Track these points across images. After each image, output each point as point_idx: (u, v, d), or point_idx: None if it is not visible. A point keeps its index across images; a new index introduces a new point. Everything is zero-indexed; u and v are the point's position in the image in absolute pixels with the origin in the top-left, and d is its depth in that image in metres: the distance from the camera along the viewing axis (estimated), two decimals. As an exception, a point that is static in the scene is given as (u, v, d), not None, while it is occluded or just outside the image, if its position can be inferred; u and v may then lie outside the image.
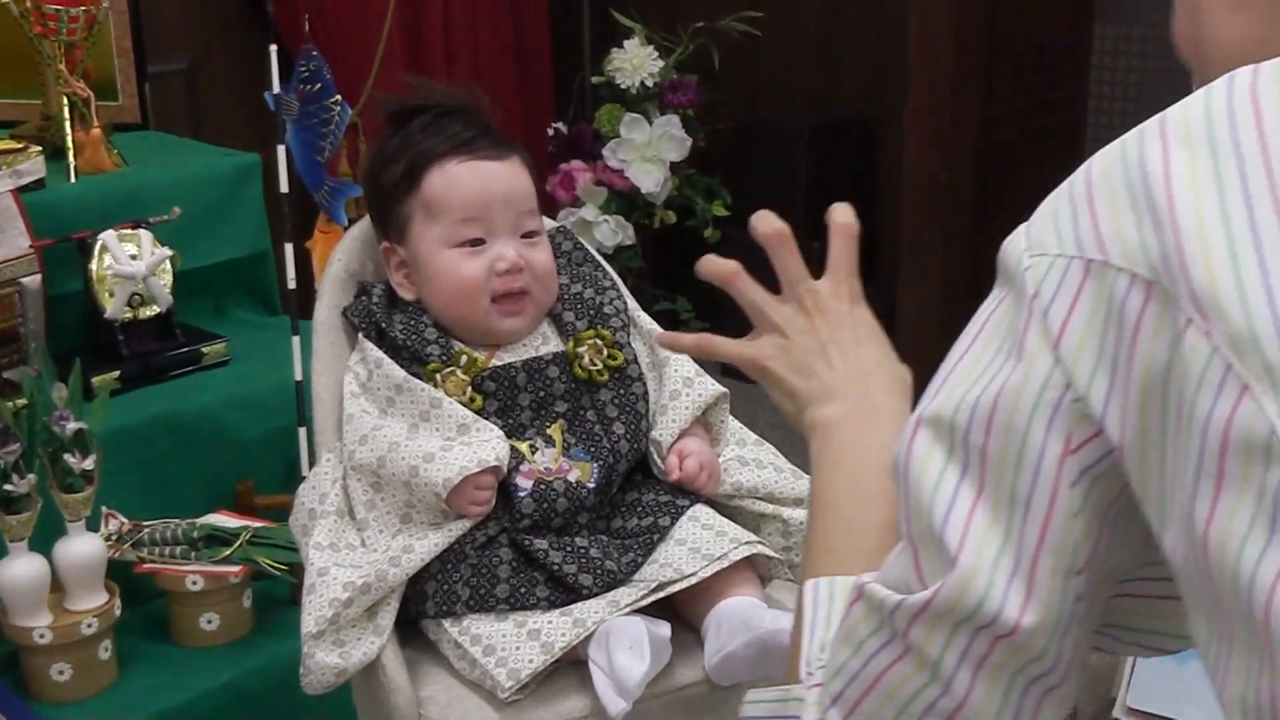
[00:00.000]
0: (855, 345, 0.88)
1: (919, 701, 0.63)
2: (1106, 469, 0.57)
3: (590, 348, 1.38)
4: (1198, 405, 0.51)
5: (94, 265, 2.04)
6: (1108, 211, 0.55)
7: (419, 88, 1.46)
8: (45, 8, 2.12)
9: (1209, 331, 0.50)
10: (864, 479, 0.81)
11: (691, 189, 3.57)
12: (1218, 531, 0.50)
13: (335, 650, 1.26)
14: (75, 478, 1.73)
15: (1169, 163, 0.54)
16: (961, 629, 0.61)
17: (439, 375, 1.34)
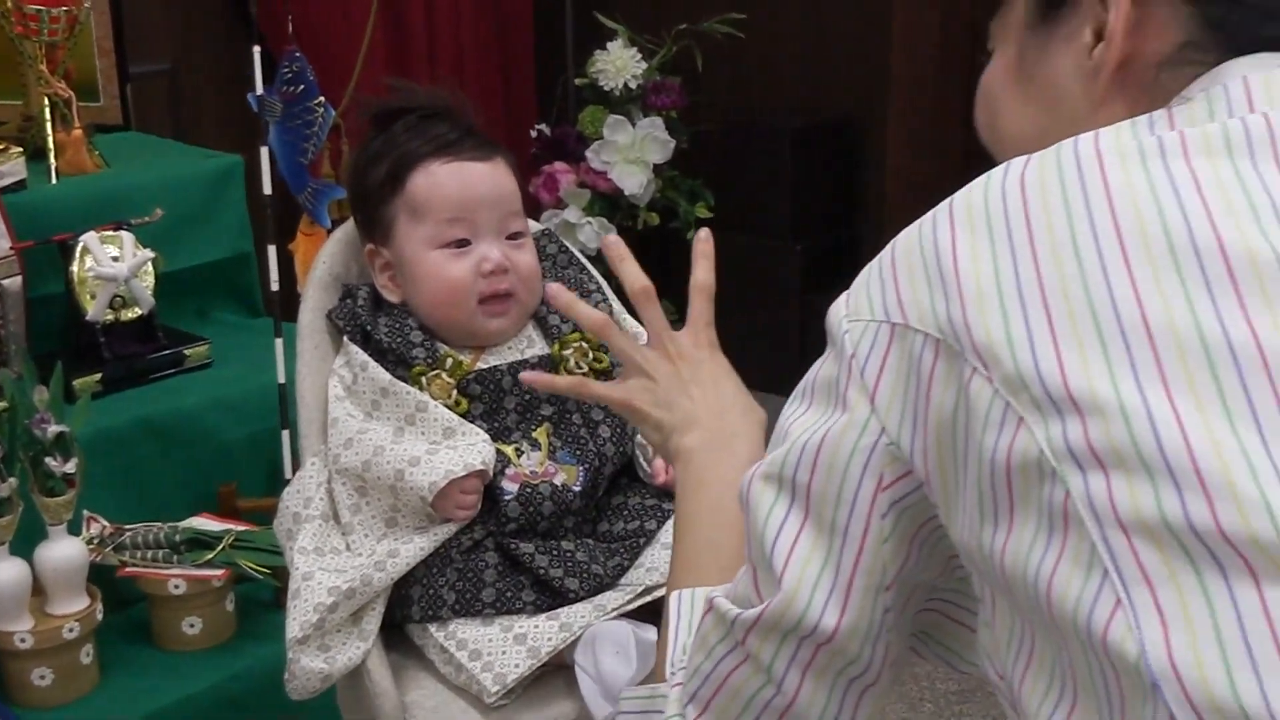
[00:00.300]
0: (714, 384, 1.03)
1: (758, 700, 0.75)
2: (915, 501, 0.67)
3: (576, 351, 1.37)
4: (985, 439, 0.60)
5: (75, 267, 2.03)
6: (907, 282, 0.65)
7: (402, 90, 1.45)
8: (26, 8, 2.11)
9: (990, 378, 0.60)
10: (722, 501, 0.93)
11: (675, 191, 3.57)
12: (1012, 544, 0.59)
13: (320, 655, 1.25)
14: (56, 481, 1.72)
15: (955, 241, 0.64)
16: (789, 638, 0.72)
17: (424, 378, 1.34)
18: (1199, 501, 0.53)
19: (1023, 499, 0.59)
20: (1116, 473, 0.55)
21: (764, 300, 3.57)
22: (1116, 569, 0.54)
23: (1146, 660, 0.52)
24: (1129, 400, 0.55)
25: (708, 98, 3.67)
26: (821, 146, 3.63)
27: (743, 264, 3.60)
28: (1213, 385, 0.54)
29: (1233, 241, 0.57)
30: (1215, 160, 0.60)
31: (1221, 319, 0.55)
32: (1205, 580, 0.52)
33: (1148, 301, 0.56)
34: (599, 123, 3.46)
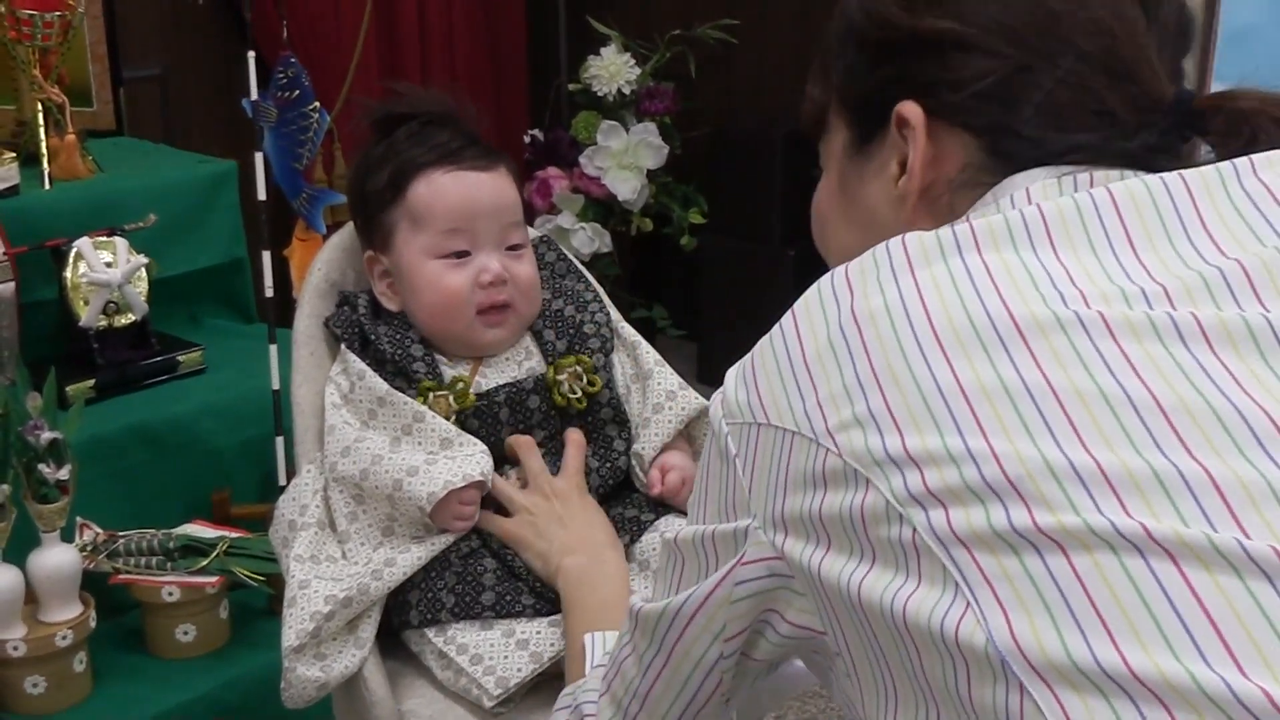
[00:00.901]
0: (583, 516, 1.31)
1: (634, 685, 0.90)
2: (773, 585, 0.77)
3: (570, 375, 1.37)
4: (841, 500, 0.70)
5: (69, 273, 2.02)
6: (765, 385, 0.76)
7: (404, 93, 1.44)
8: (19, 13, 2.11)
9: (840, 454, 0.70)
10: (605, 603, 1.20)
11: (668, 196, 3.57)
12: (870, 579, 0.69)
13: (316, 664, 1.25)
14: (50, 488, 1.72)
15: (802, 343, 0.75)
16: (651, 645, 0.88)
17: (431, 395, 1.33)
18: (1019, 508, 0.63)
19: (877, 541, 0.69)
20: (953, 504, 0.65)
21: (757, 306, 3.57)
22: (963, 578, 0.64)
23: (994, 643, 0.62)
24: (954, 448, 0.66)
25: (701, 103, 3.67)
26: (814, 152, 3.62)
27: (735, 269, 3.61)
28: (1016, 418, 0.65)
29: (1020, 312, 0.68)
30: (1001, 250, 0.72)
31: (1018, 370, 0.67)
32: (1027, 565, 0.62)
33: (960, 372, 0.67)
34: (592, 128, 3.46)
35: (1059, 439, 0.64)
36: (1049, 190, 0.78)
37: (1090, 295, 0.69)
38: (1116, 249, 0.72)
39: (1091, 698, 0.59)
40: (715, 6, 3.64)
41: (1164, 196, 0.74)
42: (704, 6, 3.67)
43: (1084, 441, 0.64)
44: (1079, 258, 0.72)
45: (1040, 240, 0.73)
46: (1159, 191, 0.74)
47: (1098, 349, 0.67)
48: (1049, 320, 0.68)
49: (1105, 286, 0.70)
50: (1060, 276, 0.70)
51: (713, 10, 3.60)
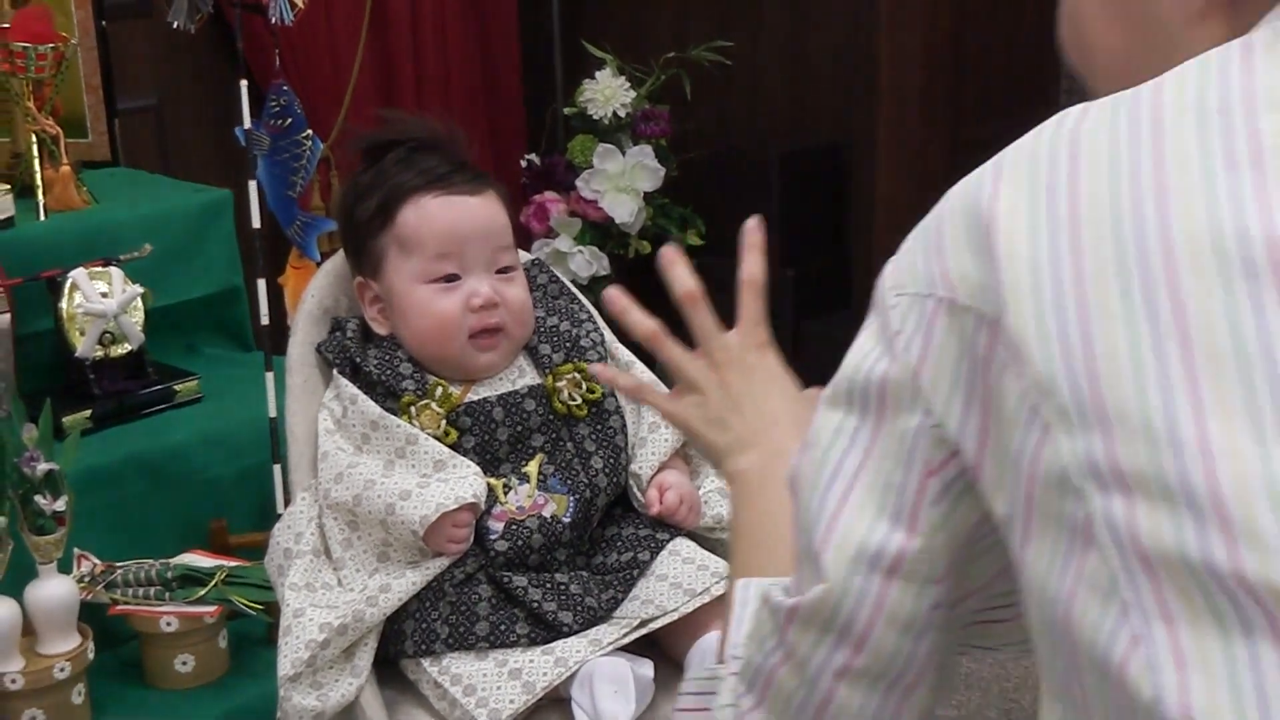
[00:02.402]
0: (764, 395, 0.98)
1: (796, 697, 0.70)
2: (965, 488, 0.62)
3: (569, 381, 1.37)
4: (1014, 439, 0.56)
5: (64, 304, 2.02)
6: (953, 251, 0.60)
7: (393, 121, 1.45)
8: (13, 45, 2.11)
9: (1020, 373, 0.55)
10: (775, 517, 0.88)
11: (665, 218, 3.57)
12: (1031, 554, 0.56)
13: (312, 692, 1.24)
14: (46, 519, 1.71)
15: (996, 203, 0.59)
16: (827, 635, 0.67)
17: (413, 408, 1.33)
18: (1219, 540, 0.49)
19: (1045, 511, 0.55)
20: (1139, 497, 0.51)
21: (756, 326, 3.57)
22: (1138, 602, 0.51)
23: (1162, 706, 0.49)
24: (1155, 416, 0.51)
25: (697, 125, 3.68)
26: (810, 172, 3.63)
27: (734, 291, 3.60)
28: (1244, 398, 0.50)
29: None
30: None
31: (1266, 322, 0.50)
32: (1225, 626, 0.49)
33: (1189, 304, 0.52)
34: (588, 151, 3.46)
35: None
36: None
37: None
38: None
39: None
40: (709, 28, 3.65)
41: None
42: (698, 28, 3.67)
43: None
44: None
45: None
46: None
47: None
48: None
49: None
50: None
51: (706, 32, 3.61)
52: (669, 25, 3.81)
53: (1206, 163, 0.54)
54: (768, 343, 1.01)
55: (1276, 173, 0.53)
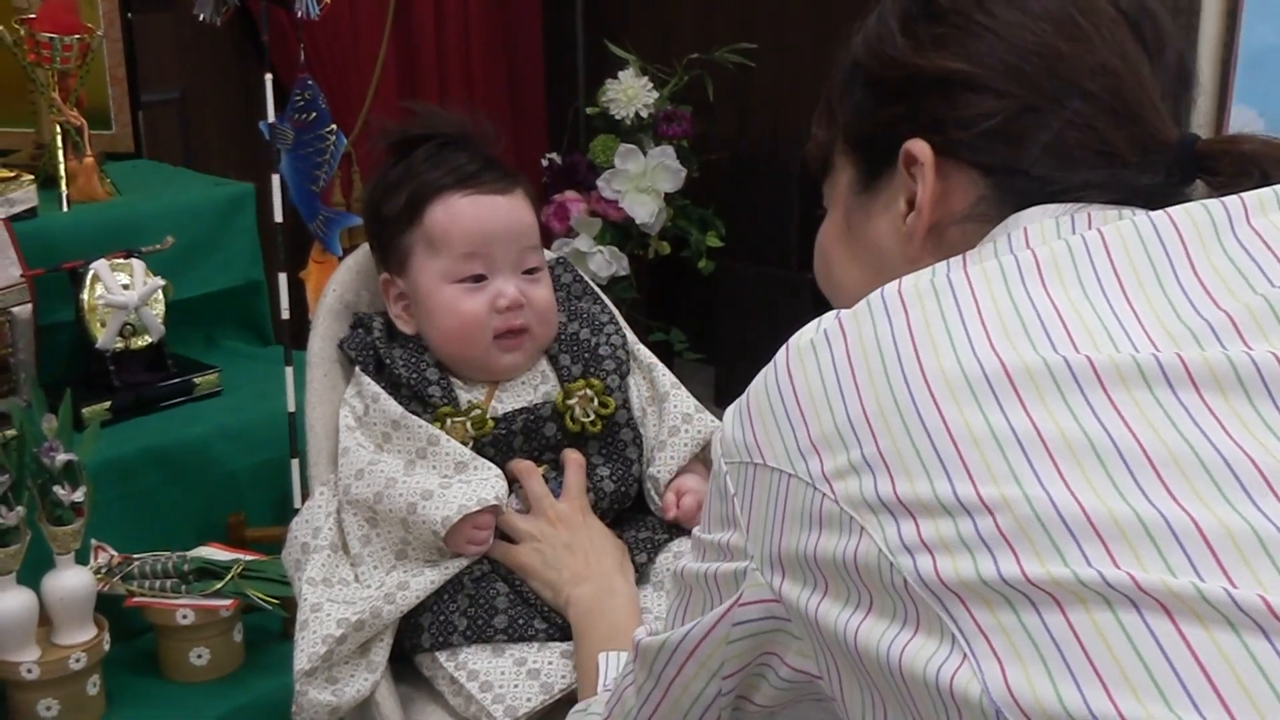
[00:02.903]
0: (591, 541, 1.30)
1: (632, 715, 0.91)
2: (771, 628, 0.77)
3: (581, 400, 1.36)
4: (835, 545, 0.70)
5: (86, 295, 2.02)
6: (760, 425, 0.76)
7: (422, 114, 1.44)
8: (39, 36, 2.11)
9: (835, 499, 0.70)
10: (614, 630, 1.20)
11: (686, 220, 3.56)
12: (867, 624, 0.69)
13: (328, 688, 1.24)
14: (65, 510, 1.71)
15: (793, 383, 0.75)
16: (650, 671, 0.87)
17: (449, 420, 1.32)
18: (1007, 559, 0.63)
19: (873, 587, 0.69)
20: (942, 554, 0.65)
21: (775, 329, 3.55)
22: (959, 630, 0.64)
23: (989, 695, 0.62)
24: (944, 495, 0.66)
25: (719, 126, 3.67)
26: (829, 179, 3.62)
27: (753, 294, 3.59)
28: (1004, 465, 0.65)
29: (1010, 359, 0.68)
30: (993, 287, 0.73)
31: (1007, 417, 0.67)
32: (1021, 617, 0.62)
33: (950, 418, 0.67)
34: (610, 151, 3.46)
35: (1046, 487, 0.64)
36: (1047, 230, 0.79)
37: (1078, 338, 0.70)
38: (1107, 290, 0.73)
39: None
40: (733, 30, 3.64)
41: (1154, 240, 0.75)
42: (722, 30, 3.67)
43: (1071, 490, 0.64)
44: (1069, 295, 0.72)
45: (1031, 277, 0.73)
46: (1149, 234, 0.75)
47: (1084, 395, 0.67)
48: (1038, 366, 0.68)
49: (1094, 327, 0.70)
50: (1050, 316, 0.71)
51: (730, 34, 3.60)
52: (692, 26, 3.81)
53: (944, 321, 0.71)
54: (588, 508, 1.33)
55: (994, 323, 0.70)
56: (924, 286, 0.74)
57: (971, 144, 0.83)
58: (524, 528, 1.30)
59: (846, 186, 0.92)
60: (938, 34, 0.85)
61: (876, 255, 0.90)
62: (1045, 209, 0.81)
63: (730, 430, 0.80)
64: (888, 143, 0.86)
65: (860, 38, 0.92)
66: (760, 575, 0.77)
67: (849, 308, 0.78)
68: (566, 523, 1.31)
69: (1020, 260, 0.74)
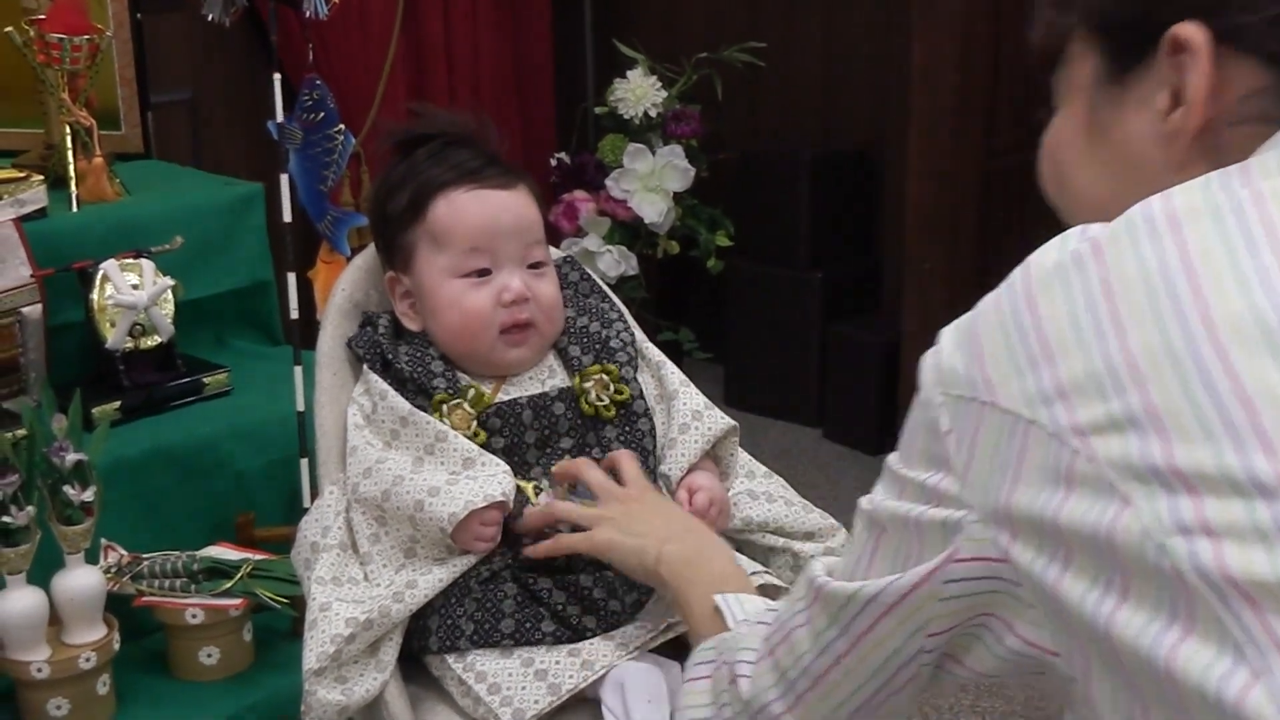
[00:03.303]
0: (665, 511, 1.24)
1: (802, 662, 0.83)
2: (989, 589, 0.69)
3: (597, 383, 1.36)
4: (1090, 515, 0.61)
5: (95, 295, 2.03)
6: (993, 360, 0.66)
7: (425, 115, 1.44)
8: (49, 36, 2.12)
9: (1092, 457, 0.61)
10: (722, 579, 1.12)
11: (694, 219, 3.56)
12: (1124, 615, 0.60)
13: (337, 687, 1.24)
14: (74, 510, 1.72)
15: (1039, 313, 0.65)
16: (834, 624, 0.80)
17: (445, 407, 1.32)
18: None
19: (1134, 568, 0.59)
20: (1228, 542, 0.55)
21: (784, 329, 3.56)
22: (1248, 638, 0.54)
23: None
24: (1233, 469, 0.56)
25: (727, 126, 3.67)
26: (841, 175, 3.62)
27: (762, 293, 3.59)
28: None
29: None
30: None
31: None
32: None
33: (1242, 370, 0.57)
34: (619, 151, 3.46)
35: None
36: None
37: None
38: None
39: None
40: (741, 29, 3.64)
41: None
42: (730, 29, 3.67)
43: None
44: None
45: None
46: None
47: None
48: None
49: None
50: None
51: (739, 33, 3.60)
52: (701, 25, 3.81)
53: (1230, 250, 0.61)
54: (652, 488, 1.28)
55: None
56: (1200, 205, 0.63)
57: (1259, 30, 0.69)
58: (593, 512, 1.24)
59: (1089, 78, 0.78)
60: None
61: (1127, 159, 0.76)
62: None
63: (950, 357, 0.70)
64: (1147, 26, 0.73)
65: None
66: (981, 530, 0.67)
67: (1085, 222, 0.67)
68: (637, 499, 1.25)
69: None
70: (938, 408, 0.70)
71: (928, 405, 0.71)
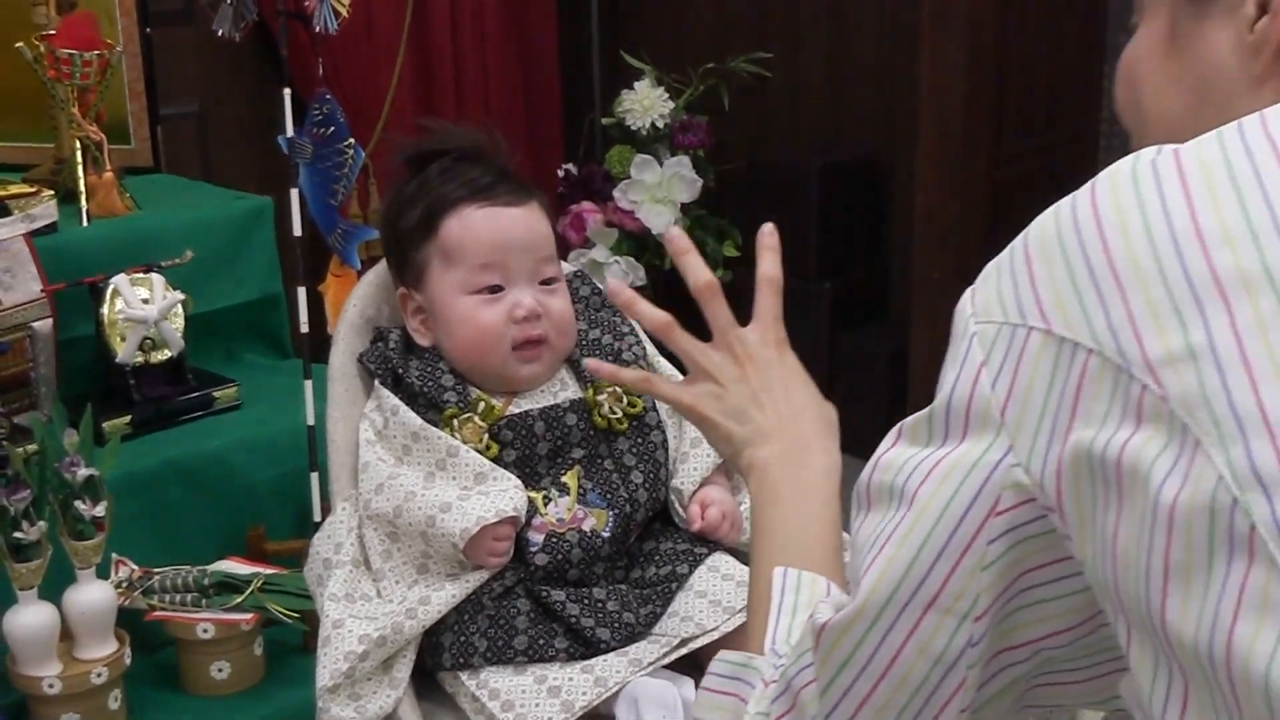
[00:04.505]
0: (784, 389, 0.97)
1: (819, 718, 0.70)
2: (1034, 532, 0.60)
3: (610, 395, 1.36)
4: (1152, 469, 0.54)
5: (105, 309, 2.03)
6: (1048, 280, 0.59)
7: (436, 130, 1.44)
8: (59, 52, 2.12)
9: (1164, 395, 0.53)
10: (800, 507, 0.91)
11: (702, 229, 3.56)
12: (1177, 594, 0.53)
13: (351, 704, 1.24)
14: (86, 524, 1.72)
15: (1104, 231, 0.58)
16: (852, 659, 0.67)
17: (456, 421, 1.32)
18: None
19: (1197, 543, 0.53)
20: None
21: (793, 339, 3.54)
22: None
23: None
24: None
25: (735, 136, 3.67)
26: (849, 185, 3.62)
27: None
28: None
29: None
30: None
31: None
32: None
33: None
34: (626, 162, 3.46)
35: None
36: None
37: None
38: None
39: None
40: (748, 39, 3.64)
41: None
42: (737, 39, 3.67)
43: None
44: None
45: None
46: None
47: None
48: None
49: None
50: None
51: (746, 43, 3.60)
52: (708, 36, 3.81)
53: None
54: (785, 340, 1.00)
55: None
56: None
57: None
58: (704, 363, 0.98)
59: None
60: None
61: (1208, 75, 0.71)
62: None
63: (995, 281, 0.62)
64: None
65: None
66: (1025, 476, 0.60)
67: (1163, 142, 0.61)
68: (757, 363, 0.98)
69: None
70: (970, 339, 0.62)
71: (959, 339, 0.63)
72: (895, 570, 0.64)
